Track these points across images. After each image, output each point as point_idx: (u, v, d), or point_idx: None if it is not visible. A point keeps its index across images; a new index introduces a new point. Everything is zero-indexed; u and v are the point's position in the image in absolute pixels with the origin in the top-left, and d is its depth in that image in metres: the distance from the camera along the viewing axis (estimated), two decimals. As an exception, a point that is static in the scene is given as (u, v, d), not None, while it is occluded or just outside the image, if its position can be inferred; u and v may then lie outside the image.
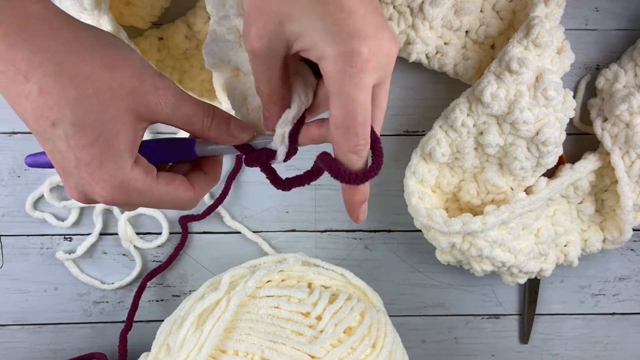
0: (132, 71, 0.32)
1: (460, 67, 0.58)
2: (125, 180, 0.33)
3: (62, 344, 0.63)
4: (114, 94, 0.32)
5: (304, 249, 0.63)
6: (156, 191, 0.35)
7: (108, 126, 0.32)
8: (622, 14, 0.61)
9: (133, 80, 0.32)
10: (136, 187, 0.34)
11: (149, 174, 0.34)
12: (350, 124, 0.32)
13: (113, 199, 0.33)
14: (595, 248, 0.61)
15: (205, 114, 0.36)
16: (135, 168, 0.33)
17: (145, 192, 0.34)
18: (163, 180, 0.35)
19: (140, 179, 0.33)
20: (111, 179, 0.32)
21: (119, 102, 0.32)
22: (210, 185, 0.39)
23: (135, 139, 0.33)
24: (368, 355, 0.46)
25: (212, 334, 0.44)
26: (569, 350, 0.66)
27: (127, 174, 0.33)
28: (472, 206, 0.59)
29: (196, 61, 0.58)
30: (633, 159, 0.57)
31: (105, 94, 0.31)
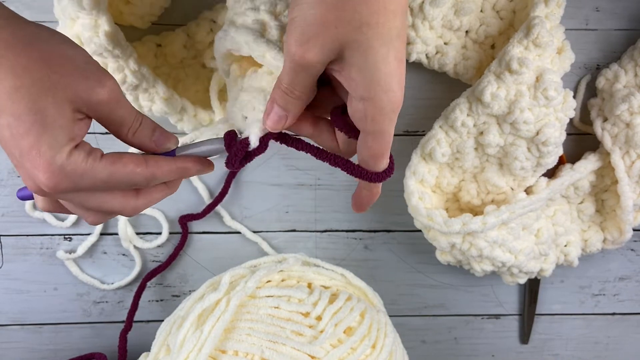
0: (74, 65, 0.33)
1: (460, 67, 0.58)
2: (64, 164, 0.33)
3: (62, 344, 0.63)
4: (53, 85, 0.32)
5: (304, 249, 0.63)
6: (102, 171, 0.34)
7: (44, 113, 0.32)
8: (622, 14, 0.61)
9: (75, 73, 0.33)
10: (77, 171, 0.33)
11: (90, 155, 0.34)
12: (385, 153, 0.37)
13: (56, 185, 0.33)
14: (596, 248, 0.61)
15: (135, 119, 0.36)
16: (75, 152, 0.33)
17: (89, 173, 0.34)
18: (108, 160, 0.34)
19: (80, 161, 0.33)
20: (50, 165, 0.32)
21: (58, 91, 0.32)
22: (169, 165, 0.37)
23: (73, 127, 0.33)
24: (368, 355, 0.46)
25: (212, 334, 0.44)
26: (569, 351, 0.66)
27: (65, 157, 0.33)
28: (472, 206, 0.59)
29: (192, 71, 0.58)
30: (633, 159, 0.57)
31: (44, 83, 0.32)
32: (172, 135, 0.38)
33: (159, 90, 0.52)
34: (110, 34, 0.47)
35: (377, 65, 0.33)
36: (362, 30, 0.32)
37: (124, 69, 0.49)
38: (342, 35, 0.32)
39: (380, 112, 0.34)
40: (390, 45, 0.33)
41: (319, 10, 0.32)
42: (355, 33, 0.32)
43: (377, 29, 0.32)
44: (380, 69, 0.33)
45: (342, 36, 0.32)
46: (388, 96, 0.34)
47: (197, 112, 0.55)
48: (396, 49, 0.33)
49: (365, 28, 0.32)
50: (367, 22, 0.32)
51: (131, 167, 0.35)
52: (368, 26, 0.32)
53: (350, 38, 0.32)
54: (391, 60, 0.33)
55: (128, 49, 0.49)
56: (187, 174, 0.38)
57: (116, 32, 0.48)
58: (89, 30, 0.46)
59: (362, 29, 0.32)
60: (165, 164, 0.37)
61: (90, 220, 0.38)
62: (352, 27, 0.32)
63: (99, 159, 0.34)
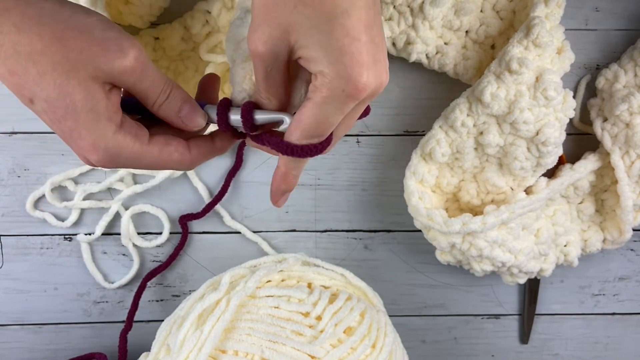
0: (91, 37, 0.32)
1: (460, 67, 0.58)
2: (110, 146, 0.33)
3: (62, 344, 0.63)
4: (73, 65, 0.31)
5: (304, 249, 0.63)
6: (148, 156, 0.35)
7: (73, 97, 0.32)
8: (622, 14, 0.61)
9: (93, 46, 0.32)
10: (123, 153, 0.34)
11: (138, 139, 0.34)
12: (314, 135, 0.34)
13: (105, 164, 0.34)
14: (595, 248, 0.61)
15: (164, 89, 0.35)
16: (120, 133, 0.33)
17: (135, 157, 0.34)
18: (156, 146, 0.35)
19: (128, 145, 0.33)
20: (95, 148, 0.33)
21: (80, 71, 0.32)
22: (212, 153, 0.38)
23: (107, 104, 0.33)
24: (368, 355, 0.46)
25: (212, 334, 0.44)
26: (569, 351, 0.66)
27: (110, 140, 0.33)
28: (472, 206, 0.59)
29: (191, 63, 0.58)
30: (633, 159, 0.57)
31: (63, 66, 0.31)
32: (200, 113, 0.36)
33: None
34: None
35: (323, 40, 0.31)
36: (297, 10, 0.30)
37: None
38: (282, 19, 0.31)
39: (328, 89, 0.32)
40: (335, 21, 0.30)
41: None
42: (292, 14, 0.30)
43: (314, 7, 0.30)
44: (329, 44, 0.31)
45: (283, 20, 0.31)
46: (338, 71, 0.31)
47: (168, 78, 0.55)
48: (346, 26, 0.30)
49: (300, 7, 0.30)
50: (303, 2, 0.30)
51: (176, 157, 0.36)
52: (303, 4, 0.30)
53: (290, 20, 0.31)
54: (340, 36, 0.30)
55: None
56: (223, 152, 0.38)
57: None
58: None
59: (297, 9, 0.30)
60: (207, 150, 0.37)
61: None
62: (287, 9, 0.30)
63: (147, 143, 0.34)
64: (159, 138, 0.35)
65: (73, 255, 0.62)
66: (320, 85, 0.32)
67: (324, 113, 0.33)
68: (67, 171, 0.60)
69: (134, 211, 0.61)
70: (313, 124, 0.33)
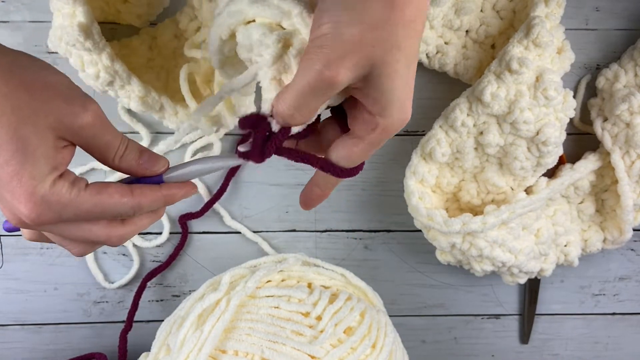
0: (56, 91, 0.32)
1: (460, 67, 0.58)
2: (46, 195, 0.32)
3: (62, 344, 0.63)
4: (34, 112, 0.31)
5: (304, 249, 0.63)
6: (87, 201, 0.33)
7: (25, 142, 0.31)
8: (622, 14, 0.61)
9: (57, 99, 0.32)
10: (61, 201, 0.32)
11: (75, 185, 0.33)
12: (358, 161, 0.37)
13: (38, 216, 0.32)
14: (596, 248, 0.61)
15: (122, 141, 0.35)
16: (59, 182, 0.32)
17: (73, 204, 0.33)
18: (93, 190, 0.33)
19: (64, 192, 0.32)
20: (32, 196, 0.31)
21: (40, 119, 0.31)
22: (155, 193, 0.36)
23: (56, 155, 0.32)
24: (368, 355, 0.46)
25: (212, 334, 0.44)
26: (569, 350, 0.66)
27: (47, 188, 0.32)
28: (472, 206, 0.59)
29: (183, 61, 0.58)
30: (633, 159, 0.57)
31: (23, 111, 0.31)
32: (161, 158, 0.37)
33: (134, 88, 0.51)
34: (84, 26, 0.47)
35: (398, 86, 0.33)
36: (392, 52, 0.32)
37: (98, 63, 0.50)
38: (375, 55, 0.32)
39: (389, 129, 0.34)
40: (411, 67, 0.33)
41: (358, 29, 0.31)
42: (387, 54, 0.32)
43: (405, 51, 0.32)
44: (400, 91, 0.33)
45: (376, 56, 0.32)
46: (401, 116, 0.34)
47: (178, 110, 0.55)
48: (413, 70, 0.34)
49: (395, 50, 0.32)
50: (398, 45, 0.32)
51: (117, 198, 0.34)
52: (399, 48, 0.32)
53: (381, 59, 0.32)
54: (409, 81, 0.33)
55: (101, 43, 0.49)
56: (173, 200, 0.37)
57: (91, 25, 0.48)
58: (67, 19, 0.47)
59: (393, 51, 0.32)
60: (151, 193, 0.35)
61: (76, 251, 0.37)
62: (386, 48, 0.32)
63: (83, 188, 0.33)
64: (94, 184, 0.34)
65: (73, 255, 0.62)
66: (382, 128, 0.34)
67: (371, 151, 0.36)
68: (67, 171, 0.60)
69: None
70: (358, 158, 0.36)
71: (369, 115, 0.34)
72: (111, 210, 0.34)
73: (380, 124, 0.34)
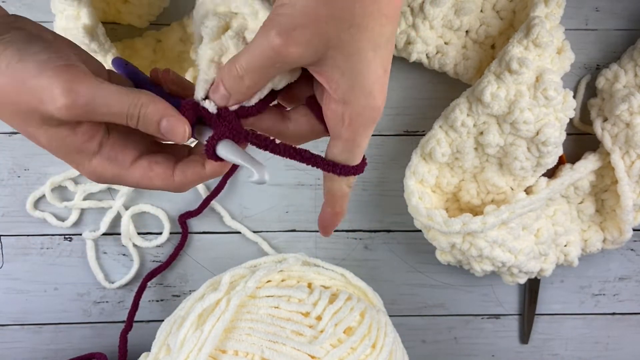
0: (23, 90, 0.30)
1: (460, 67, 0.58)
2: (90, 171, 0.34)
3: (62, 344, 0.63)
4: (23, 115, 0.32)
5: (304, 249, 0.63)
6: (129, 178, 0.35)
7: (39, 140, 0.33)
8: (622, 14, 0.61)
9: (28, 98, 0.31)
10: (106, 176, 0.34)
11: (117, 164, 0.34)
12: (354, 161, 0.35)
13: (99, 181, 0.35)
14: (595, 248, 0.61)
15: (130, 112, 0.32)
16: (96, 159, 0.34)
17: (117, 179, 0.35)
18: (137, 171, 0.35)
19: (106, 169, 0.34)
20: (82, 171, 0.34)
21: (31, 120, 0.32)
22: (201, 179, 0.36)
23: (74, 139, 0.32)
24: (368, 355, 0.46)
25: (212, 334, 0.44)
26: (569, 350, 0.66)
27: (87, 167, 0.34)
28: (472, 206, 0.59)
29: (189, 65, 0.58)
30: (633, 159, 0.57)
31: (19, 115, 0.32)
32: (182, 122, 0.34)
33: None
34: (89, 28, 0.47)
35: (361, 70, 0.31)
36: (350, 32, 0.30)
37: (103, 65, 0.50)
38: (330, 34, 0.30)
39: (357, 119, 0.33)
40: (378, 52, 0.31)
41: (313, 2, 0.30)
42: (343, 33, 0.30)
43: (366, 33, 0.30)
44: (365, 75, 0.32)
45: (330, 34, 0.30)
46: (369, 103, 0.32)
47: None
48: (383, 56, 0.32)
49: (354, 29, 0.30)
50: (358, 24, 0.30)
51: (158, 183, 0.35)
52: (358, 28, 0.30)
53: (337, 38, 0.30)
54: (376, 67, 0.32)
55: (106, 44, 0.49)
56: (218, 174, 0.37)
57: (95, 27, 0.48)
58: (71, 21, 0.47)
59: (351, 30, 0.30)
60: (194, 178, 0.35)
61: None
62: (342, 27, 0.30)
63: (126, 167, 0.34)
64: (142, 163, 0.35)
65: (73, 255, 0.62)
66: (349, 116, 0.32)
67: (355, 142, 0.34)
68: (67, 171, 0.60)
69: (134, 211, 0.61)
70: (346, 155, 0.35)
71: (335, 104, 0.32)
72: (153, 188, 0.36)
73: (345, 113, 0.32)
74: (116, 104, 0.32)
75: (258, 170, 0.33)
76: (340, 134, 0.33)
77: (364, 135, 0.34)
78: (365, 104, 0.32)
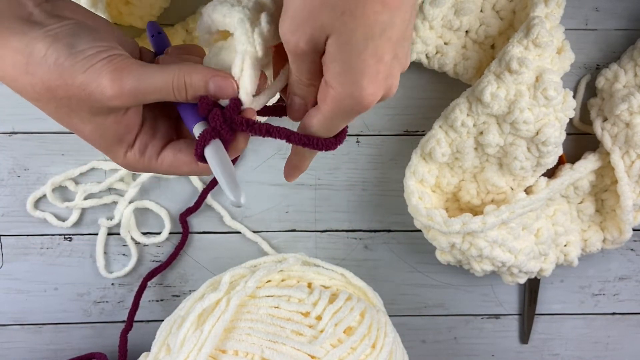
0: (73, 86, 0.32)
1: (460, 67, 0.58)
2: (124, 163, 0.36)
3: (62, 344, 0.63)
4: (72, 108, 0.33)
5: (304, 249, 0.63)
6: (158, 169, 0.37)
7: (82, 131, 0.34)
8: (622, 14, 0.61)
9: (78, 93, 0.32)
10: (137, 167, 0.37)
11: (146, 156, 0.36)
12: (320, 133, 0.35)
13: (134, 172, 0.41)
14: (595, 248, 0.61)
15: (175, 85, 0.34)
16: (130, 152, 0.36)
17: (147, 169, 0.37)
18: (164, 161, 0.37)
19: (138, 162, 0.36)
20: (117, 161, 0.37)
21: (80, 112, 0.33)
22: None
23: (117, 129, 0.34)
24: (368, 355, 0.46)
25: (212, 334, 0.44)
26: (569, 350, 0.66)
27: (121, 159, 0.36)
28: (472, 206, 0.59)
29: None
30: (633, 159, 0.57)
31: (63, 109, 0.33)
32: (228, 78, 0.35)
33: None
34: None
35: (350, 59, 0.31)
36: (343, 19, 0.30)
37: None
38: (324, 21, 0.30)
39: (338, 104, 0.33)
40: (371, 41, 0.31)
41: None
42: (337, 21, 0.30)
43: (359, 20, 0.30)
44: (353, 65, 0.31)
45: (324, 21, 0.30)
46: (353, 92, 0.32)
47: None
48: (377, 46, 0.31)
49: (347, 17, 0.30)
50: (349, 11, 0.30)
51: (185, 170, 0.37)
52: (350, 15, 0.30)
53: (331, 25, 0.30)
54: (367, 57, 0.31)
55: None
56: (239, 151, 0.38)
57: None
58: None
59: (343, 18, 0.30)
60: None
61: None
62: (334, 14, 0.30)
63: (154, 159, 0.36)
64: (168, 153, 0.37)
65: (73, 255, 0.62)
66: (331, 99, 0.33)
67: (332, 123, 0.34)
68: (68, 171, 0.60)
69: (137, 205, 0.61)
70: (321, 131, 0.35)
71: (325, 84, 0.33)
72: (182, 174, 0.38)
73: (329, 94, 0.33)
74: (161, 81, 0.33)
75: (234, 193, 0.32)
76: (321, 108, 0.34)
77: (342, 120, 0.34)
78: (349, 92, 0.32)
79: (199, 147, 0.34)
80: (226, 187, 0.32)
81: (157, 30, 0.42)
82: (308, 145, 0.35)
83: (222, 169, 0.33)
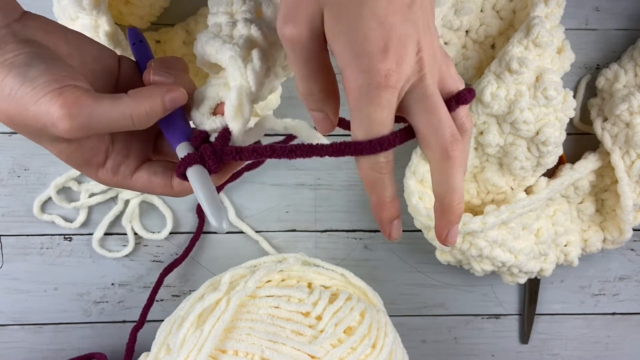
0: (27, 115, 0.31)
1: (460, 67, 0.58)
2: (99, 180, 0.37)
3: (62, 344, 0.63)
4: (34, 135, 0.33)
5: (304, 249, 0.63)
6: (133, 187, 0.37)
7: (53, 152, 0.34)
8: (622, 14, 0.61)
9: (33, 123, 0.31)
10: (111, 184, 0.37)
11: (120, 176, 0.36)
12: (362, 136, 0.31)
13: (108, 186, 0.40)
14: (595, 248, 0.61)
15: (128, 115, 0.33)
16: (101, 172, 0.36)
17: (122, 186, 0.37)
18: (138, 181, 0.37)
19: (112, 180, 0.36)
20: (92, 178, 0.37)
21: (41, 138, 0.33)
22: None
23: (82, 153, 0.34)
24: (368, 355, 0.46)
25: (212, 334, 0.44)
26: (569, 350, 0.66)
27: (95, 177, 0.36)
28: (472, 206, 0.59)
29: (192, 67, 0.58)
30: (633, 159, 0.57)
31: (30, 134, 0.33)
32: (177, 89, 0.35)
33: None
34: (111, 34, 0.47)
35: (348, 29, 0.28)
36: None
37: None
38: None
39: (352, 84, 0.29)
40: (366, 5, 0.28)
41: None
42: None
43: None
44: (352, 34, 0.28)
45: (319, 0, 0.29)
46: (361, 65, 0.28)
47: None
48: (374, 8, 0.28)
49: None
50: None
51: (159, 191, 0.37)
52: None
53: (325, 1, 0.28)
54: (366, 20, 0.28)
55: (128, 49, 0.49)
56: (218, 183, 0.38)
57: (116, 32, 0.48)
58: (90, 30, 0.46)
59: None
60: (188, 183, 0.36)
61: None
62: None
63: (128, 177, 0.36)
64: (142, 174, 0.36)
65: (73, 255, 0.62)
66: (347, 86, 0.30)
67: (362, 115, 0.30)
68: (69, 172, 0.60)
69: (143, 198, 0.61)
70: (358, 131, 0.30)
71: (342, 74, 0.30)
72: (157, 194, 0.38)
73: (345, 81, 0.30)
74: (116, 115, 0.32)
75: (216, 218, 0.31)
76: (349, 105, 0.30)
77: (370, 107, 0.29)
78: (359, 67, 0.29)
79: (181, 168, 0.34)
80: (208, 211, 0.31)
81: (139, 39, 0.41)
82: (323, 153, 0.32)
83: (204, 193, 0.32)
